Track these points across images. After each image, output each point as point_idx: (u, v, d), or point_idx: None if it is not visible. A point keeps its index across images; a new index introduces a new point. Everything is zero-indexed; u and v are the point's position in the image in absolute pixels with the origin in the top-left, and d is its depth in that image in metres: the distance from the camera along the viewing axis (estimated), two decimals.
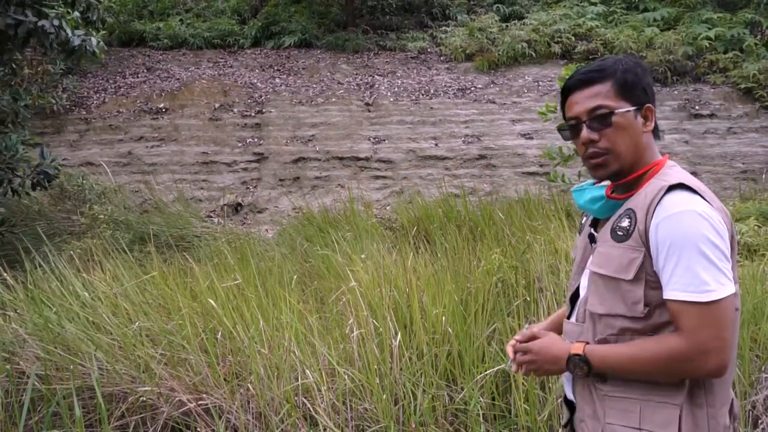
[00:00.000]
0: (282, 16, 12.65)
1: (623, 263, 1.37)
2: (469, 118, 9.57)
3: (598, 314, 1.42)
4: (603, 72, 1.44)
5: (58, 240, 6.11)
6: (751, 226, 5.32)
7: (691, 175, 1.42)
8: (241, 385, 2.83)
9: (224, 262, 4.70)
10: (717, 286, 1.27)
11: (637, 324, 1.36)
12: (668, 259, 1.30)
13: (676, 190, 1.34)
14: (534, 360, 1.49)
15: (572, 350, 1.42)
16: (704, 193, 1.36)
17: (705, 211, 1.30)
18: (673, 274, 1.29)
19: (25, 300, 3.56)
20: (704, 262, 1.27)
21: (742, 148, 8.69)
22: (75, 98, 10.19)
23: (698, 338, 1.27)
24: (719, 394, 1.36)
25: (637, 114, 1.44)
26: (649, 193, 1.37)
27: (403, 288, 3.47)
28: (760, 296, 3.28)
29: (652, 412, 1.35)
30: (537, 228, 5.13)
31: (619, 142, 1.43)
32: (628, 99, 1.43)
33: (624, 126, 1.43)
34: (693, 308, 1.27)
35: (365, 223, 6.05)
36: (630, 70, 1.44)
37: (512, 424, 2.68)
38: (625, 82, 1.43)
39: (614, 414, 1.40)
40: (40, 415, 2.75)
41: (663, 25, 11.12)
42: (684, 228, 1.28)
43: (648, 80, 1.47)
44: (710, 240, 1.28)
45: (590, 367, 1.40)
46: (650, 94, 1.47)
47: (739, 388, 2.71)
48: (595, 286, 1.45)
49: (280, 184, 8.71)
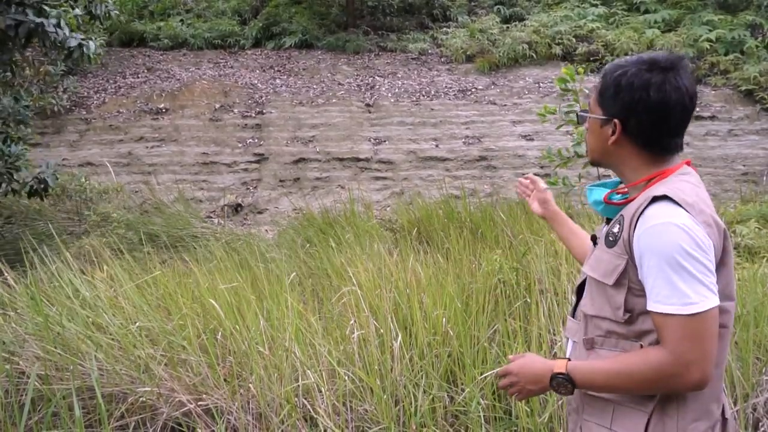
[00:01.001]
0: (282, 16, 12.66)
1: (608, 269, 1.39)
2: (469, 120, 9.57)
3: (589, 315, 1.46)
4: (603, 75, 1.48)
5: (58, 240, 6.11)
6: (751, 228, 5.31)
7: (689, 187, 1.38)
8: (242, 386, 2.83)
9: (224, 263, 4.69)
10: (699, 299, 1.26)
11: (621, 328, 1.39)
12: (649, 271, 1.31)
13: (659, 202, 1.33)
14: (516, 381, 1.50)
15: (555, 369, 1.43)
16: (690, 207, 1.32)
17: (685, 223, 1.29)
18: (654, 286, 1.30)
19: (25, 300, 3.55)
20: (684, 274, 1.27)
21: (742, 150, 8.69)
22: (75, 98, 10.19)
23: (679, 351, 1.27)
24: (692, 407, 1.36)
25: (605, 124, 1.45)
26: (637, 202, 1.38)
27: (404, 289, 3.47)
28: (760, 298, 3.27)
29: (623, 415, 1.39)
30: (538, 229, 5.12)
31: (589, 140, 1.53)
32: (603, 107, 1.46)
33: (591, 129, 1.51)
34: (675, 320, 1.28)
35: (365, 224, 6.05)
36: (615, 81, 1.41)
37: (513, 426, 2.68)
38: (603, 91, 1.45)
39: (590, 411, 1.46)
40: (39, 415, 2.74)
41: (664, 26, 11.13)
42: (662, 240, 1.29)
43: (634, 95, 1.39)
44: (688, 253, 1.27)
45: (574, 385, 1.41)
46: (629, 110, 1.40)
47: (740, 391, 2.71)
48: (589, 287, 1.49)
49: (280, 184, 8.71)
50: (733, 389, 2.72)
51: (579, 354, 1.50)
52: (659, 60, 1.40)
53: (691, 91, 1.40)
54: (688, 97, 1.39)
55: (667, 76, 1.38)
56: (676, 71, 1.38)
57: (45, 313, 3.17)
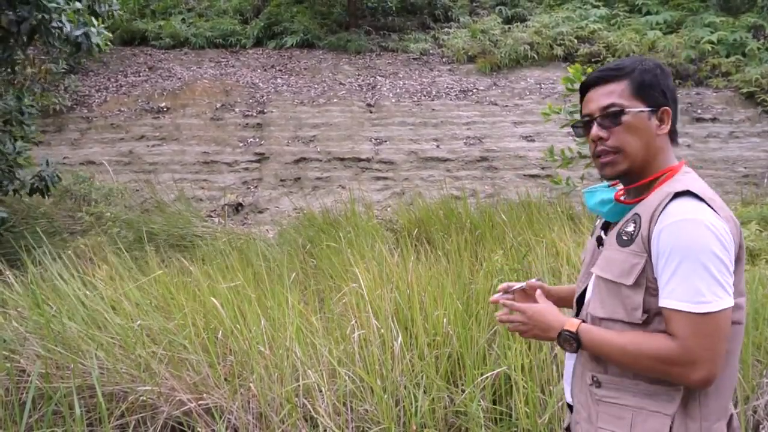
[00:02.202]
0: (284, 16, 12.66)
1: (625, 268, 1.35)
2: (470, 120, 9.57)
3: (598, 318, 1.42)
4: (621, 70, 1.43)
5: (58, 239, 6.11)
6: (752, 231, 5.31)
7: (702, 183, 1.38)
8: (242, 385, 2.83)
9: (225, 262, 4.70)
10: (713, 299, 1.25)
11: (635, 330, 1.36)
12: (667, 267, 1.28)
13: (682, 197, 1.32)
14: (525, 323, 1.52)
15: (566, 326, 1.43)
16: (712, 202, 1.32)
17: (710, 220, 1.27)
18: (669, 282, 1.28)
19: (26, 298, 3.55)
20: (703, 273, 1.25)
21: (743, 152, 8.69)
22: (77, 97, 10.19)
23: (689, 346, 1.26)
24: (714, 407, 1.34)
25: (651, 116, 1.41)
26: (656, 199, 1.35)
27: (404, 289, 3.47)
28: (761, 300, 3.27)
29: (643, 420, 1.34)
30: (539, 230, 5.12)
31: (629, 141, 1.40)
32: (644, 99, 1.40)
33: (635, 126, 1.40)
34: (687, 318, 1.26)
35: (366, 225, 6.05)
36: (649, 70, 1.42)
37: (513, 427, 2.68)
38: (642, 82, 1.41)
39: (606, 419, 1.40)
40: (40, 413, 2.74)
41: (666, 28, 11.12)
42: (686, 237, 1.26)
43: (668, 83, 1.43)
44: (712, 251, 1.25)
45: (579, 345, 1.40)
46: (669, 97, 1.43)
47: (741, 393, 2.71)
48: (597, 290, 1.44)
49: (281, 184, 8.71)
50: (733, 392, 2.72)
51: (585, 359, 1.46)
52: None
53: None
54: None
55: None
56: None
57: (46, 312, 3.17)
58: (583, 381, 1.47)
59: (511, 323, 1.56)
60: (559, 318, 1.46)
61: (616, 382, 1.39)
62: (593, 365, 1.44)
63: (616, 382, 1.39)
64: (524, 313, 1.52)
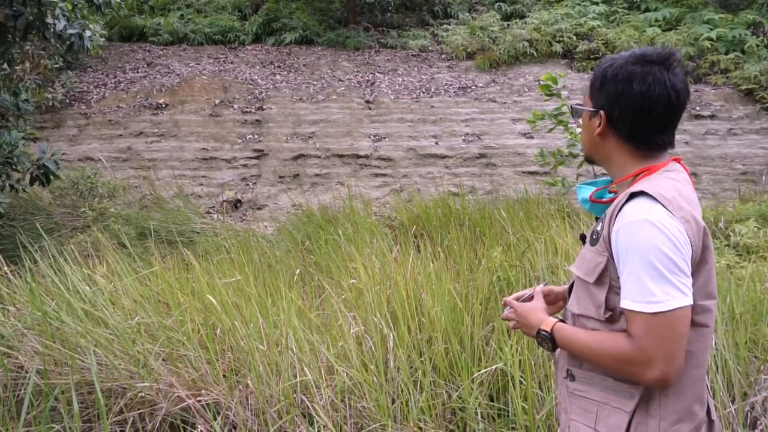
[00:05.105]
0: (283, 12, 12.63)
1: (591, 267, 1.41)
2: (469, 117, 9.56)
3: (575, 314, 1.47)
4: (596, 69, 1.50)
5: (57, 234, 6.11)
6: (750, 228, 5.32)
7: (670, 183, 1.36)
8: (240, 382, 2.83)
9: (224, 258, 4.69)
10: (665, 298, 1.26)
11: (604, 327, 1.40)
12: (623, 267, 1.31)
13: (637, 198, 1.33)
14: (516, 320, 1.61)
15: (542, 325, 1.50)
16: (668, 203, 1.30)
17: (660, 220, 1.28)
18: (625, 283, 1.31)
19: (25, 294, 3.55)
20: (652, 272, 1.26)
21: (742, 150, 8.69)
22: (75, 93, 10.17)
23: (642, 346, 1.28)
24: (675, 407, 1.36)
25: (593, 116, 1.46)
26: (619, 199, 1.38)
27: (403, 286, 3.47)
28: (759, 297, 3.28)
29: (607, 415, 1.40)
30: (537, 227, 5.12)
31: (582, 135, 1.55)
32: (592, 99, 1.47)
33: (584, 123, 1.52)
34: (640, 318, 1.28)
35: (365, 221, 6.04)
36: (602, 73, 1.43)
37: (510, 423, 2.68)
38: (592, 84, 1.47)
39: (577, 411, 1.48)
40: (38, 409, 2.74)
41: (664, 25, 11.12)
42: (637, 237, 1.29)
43: (617, 86, 1.39)
44: (662, 251, 1.26)
45: (554, 345, 1.47)
46: (613, 102, 1.40)
47: (738, 390, 2.72)
48: (575, 286, 1.51)
49: (279, 180, 8.71)
50: (731, 388, 2.73)
51: (564, 353, 1.53)
52: (649, 54, 1.39)
53: (679, 87, 1.36)
54: (674, 93, 1.36)
55: (652, 69, 1.36)
56: (664, 65, 1.37)
57: (44, 308, 3.17)
58: (561, 374, 1.54)
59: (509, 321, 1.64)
60: (539, 317, 1.53)
61: (588, 377, 1.45)
62: (570, 360, 1.51)
63: (588, 376, 1.45)
64: (515, 311, 1.61)
